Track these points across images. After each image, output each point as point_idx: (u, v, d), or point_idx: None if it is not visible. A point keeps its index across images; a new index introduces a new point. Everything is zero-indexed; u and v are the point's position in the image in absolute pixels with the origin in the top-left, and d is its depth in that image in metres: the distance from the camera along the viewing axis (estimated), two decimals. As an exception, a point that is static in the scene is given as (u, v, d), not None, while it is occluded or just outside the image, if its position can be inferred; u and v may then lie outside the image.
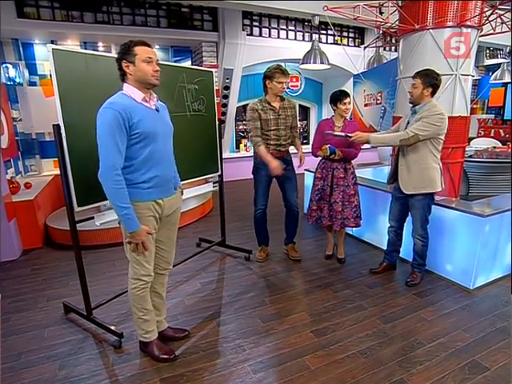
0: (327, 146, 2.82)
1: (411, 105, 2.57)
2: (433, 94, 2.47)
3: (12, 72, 4.92)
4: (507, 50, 7.17)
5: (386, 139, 2.56)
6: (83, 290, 2.23)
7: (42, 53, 5.24)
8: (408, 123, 2.55)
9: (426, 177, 2.51)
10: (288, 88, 7.83)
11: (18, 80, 4.99)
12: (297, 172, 3.12)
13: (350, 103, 2.87)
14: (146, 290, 1.88)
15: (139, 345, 2.05)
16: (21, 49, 5.13)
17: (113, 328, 2.17)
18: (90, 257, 3.33)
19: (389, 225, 2.88)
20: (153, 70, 1.67)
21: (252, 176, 3.09)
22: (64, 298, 2.57)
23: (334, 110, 2.93)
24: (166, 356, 1.96)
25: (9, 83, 4.81)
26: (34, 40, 5.17)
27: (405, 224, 2.82)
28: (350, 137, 2.59)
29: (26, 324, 2.34)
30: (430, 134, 2.39)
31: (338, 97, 2.85)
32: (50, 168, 5.32)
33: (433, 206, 2.81)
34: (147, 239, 1.74)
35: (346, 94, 2.85)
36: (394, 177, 2.70)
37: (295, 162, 3.06)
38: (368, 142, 2.54)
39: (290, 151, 3.08)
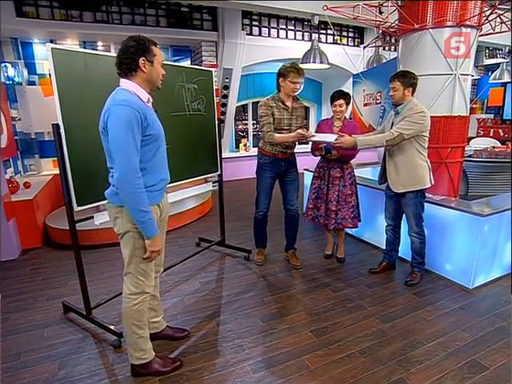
0: (323, 145, 2.82)
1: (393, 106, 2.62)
2: (413, 93, 2.52)
3: (11, 71, 4.91)
4: (506, 50, 7.18)
5: (372, 141, 2.57)
6: (82, 290, 2.23)
7: (41, 52, 5.22)
8: (392, 124, 2.58)
9: (414, 174, 2.55)
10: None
11: (17, 79, 4.98)
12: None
13: (341, 106, 2.81)
14: (147, 303, 1.80)
15: (133, 370, 1.85)
16: (20, 48, 5.12)
17: (112, 327, 2.17)
18: (89, 256, 3.33)
19: (386, 223, 2.89)
20: (162, 73, 1.65)
21: (255, 176, 3.01)
22: (63, 298, 2.57)
23: None
24: (175, 365, 1.89)
25: (8, 82, 4.80)
26: (33, 39, 5.15)
27: (402, 222, 2.83)
28: (334, 142, 2.57)
29: (25, 324, 2.33)
30: (414, 132, 2.43)
31: (332, 98, 2.85)
32: (49, 167, 5.31)
33: (432, 206, 2.82)
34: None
35: (340, 96, 2.80)
36: (383, 177, 2.73)
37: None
38: (356, 146, 2.54)
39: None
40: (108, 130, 1.49)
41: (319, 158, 3.05)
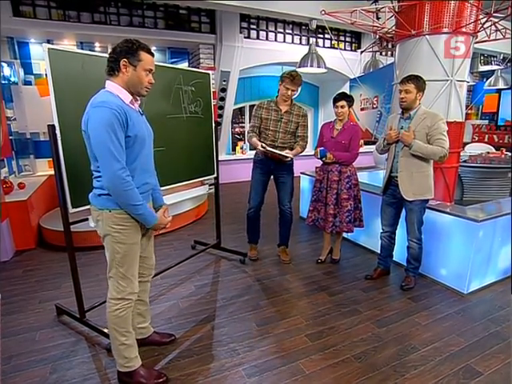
0: (319, 148, 2.91)
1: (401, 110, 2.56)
2: (420, 99, 2.51)
3: (7, 71, 4.87)
4: (501, 57, 7.26)
5: (427, 150, 2.41)
6: (76, 292, 2.21)
7: (38, 52, 5.19)
8: (402, 128, 2.55)
9: (426, 183, 2.55)
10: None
11: (12, 79, 4.94)
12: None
13: (343, 107, 2.86)
14: (130, 310, 1.74)
15: (119, 376, 1.81)
16: (16, 48, 5.08)
17: (106, 331, 2.12)
18: (83, 258, 3.30)
19: (382, 230, 2.88)
20: (148, 81, 1.60)
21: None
22: (57, 300, 2.54)
23: None
24: (159, 381, 1.81)
25: (3, 82, 4.76)
26: (30, 39, 5.12)
27: (397, 228, 2.83)
28: (286, 156, 2.79)
29: (17, 326, 2.30)
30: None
31: (334, 100, 2.89)
32: (44, 168, 5.26)
33: (428, 211, 2.83)
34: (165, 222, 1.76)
35: (342, 98, 2.86)
36: (387, 185, 2.71)
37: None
38: (410, 147, 2.44)
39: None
40: (90, 134, 1.49)
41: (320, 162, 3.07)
